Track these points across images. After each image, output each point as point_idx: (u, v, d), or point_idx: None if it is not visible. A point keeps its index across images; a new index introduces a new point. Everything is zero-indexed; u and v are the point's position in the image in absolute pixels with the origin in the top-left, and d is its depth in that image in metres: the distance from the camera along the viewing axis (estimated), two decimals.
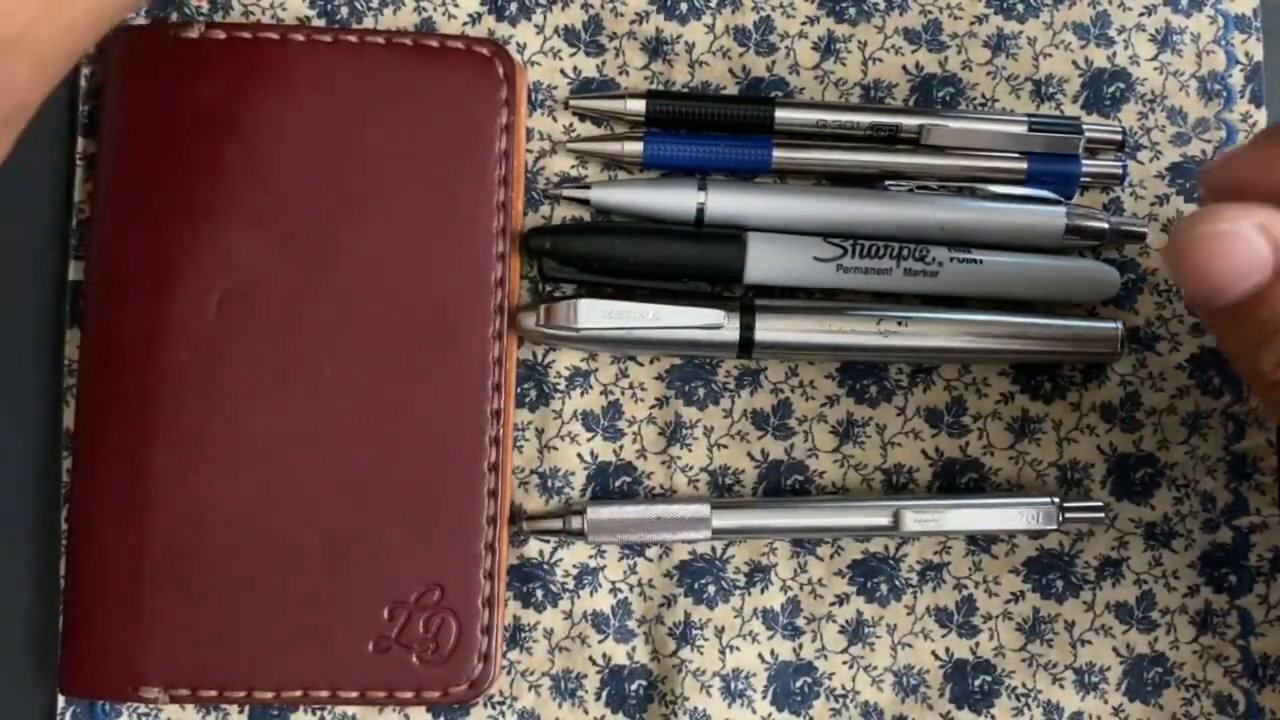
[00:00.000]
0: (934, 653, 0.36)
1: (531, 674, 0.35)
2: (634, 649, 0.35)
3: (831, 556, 0.36)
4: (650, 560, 0.36)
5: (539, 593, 0.35)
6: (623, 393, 0.36)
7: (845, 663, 0.35)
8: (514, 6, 0.37)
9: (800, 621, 0.36)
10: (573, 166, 0.37)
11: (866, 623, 0.36)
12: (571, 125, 0.37)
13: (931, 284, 0.35)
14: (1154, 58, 0.38)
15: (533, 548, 0.35)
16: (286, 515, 0.34)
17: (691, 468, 0.36)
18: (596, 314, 0.34)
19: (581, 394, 0.36)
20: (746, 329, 0.35)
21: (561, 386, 0.36)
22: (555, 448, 0.36)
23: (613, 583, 0.35)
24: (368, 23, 0.37)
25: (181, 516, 0.34)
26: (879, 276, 0.35)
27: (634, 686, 0.35)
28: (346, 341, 0.34)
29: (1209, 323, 0.25)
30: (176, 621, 0.33)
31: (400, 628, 0.34)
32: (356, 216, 0.34)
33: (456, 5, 0.37)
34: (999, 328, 0.35)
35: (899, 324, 0.35)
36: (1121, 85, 0.37)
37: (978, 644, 0.36)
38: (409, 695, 0.34)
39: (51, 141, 0.36)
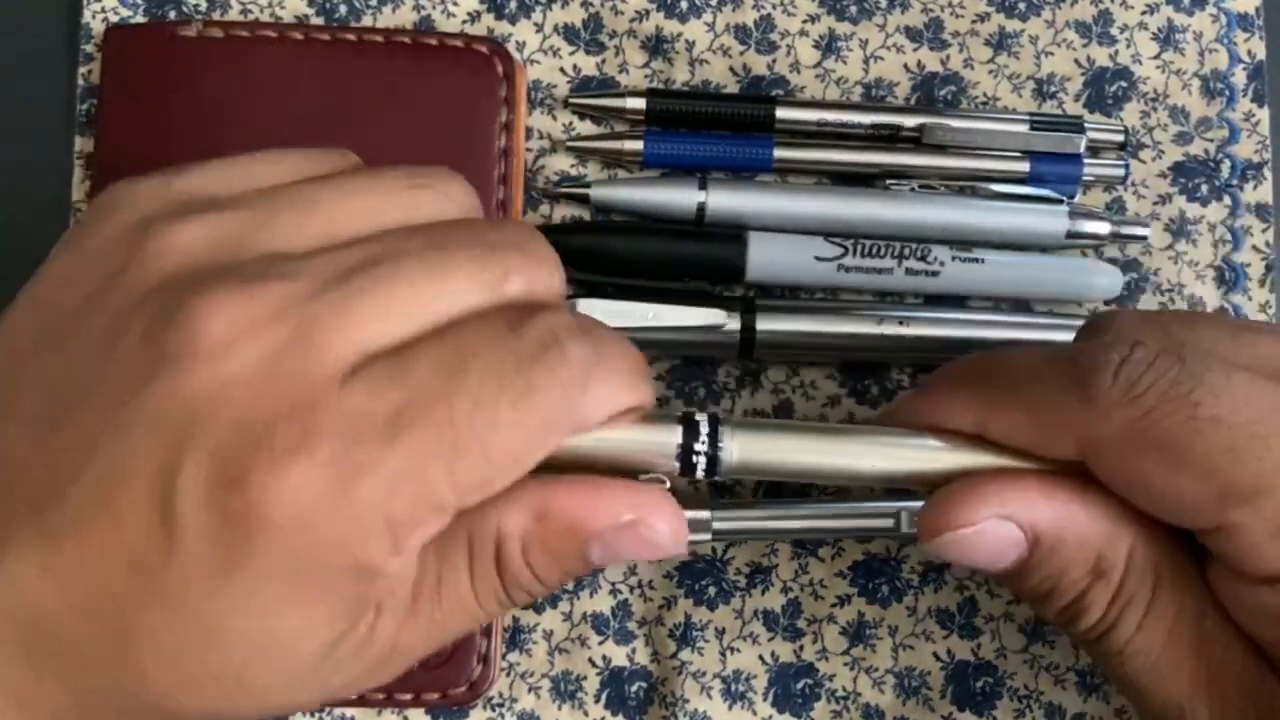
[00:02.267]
0: (935, 654, 0.35)
1: (531, 675, 0.35)
2: (634, 650, 0.35)
3: (832, 558, 0.36)
4: (650, 561, 0.35)
5: None
6: None
7: (846, 664, 0.35)
8: (513, 5, 0.37)
9: (801, 623, 0.35)
10: (572, 165, 0.36)
11: (868, 624, 0.35)
12: (571, 124, 0.37)
13: (933, 283, 0.35)
14: (1156, 56, 0.37)
15: None
16: None
17: None
18: (596, 313, 0.34)
19: None
20: (747, 329, 0.34)
21: None
22: None
23: (613, 584, 0.35)
24: (366, 21, 0.36)
25: None
26: (880, 276, 0.35)
27: (634, 688, 0.35)
28: None
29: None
30: None
31: None
32: None
33: (455, 4, 0.37)
34: (1001, 327, 0.35)
35: (900, 323, 0.35)
36: (1124, 84, 0.37)
37: (979, 645, 0.36)
38: (408, 697, 0.34)
39: (49, 140, 0.36)
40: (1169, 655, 0.26)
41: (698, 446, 0.26)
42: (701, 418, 0.27)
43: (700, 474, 0.26)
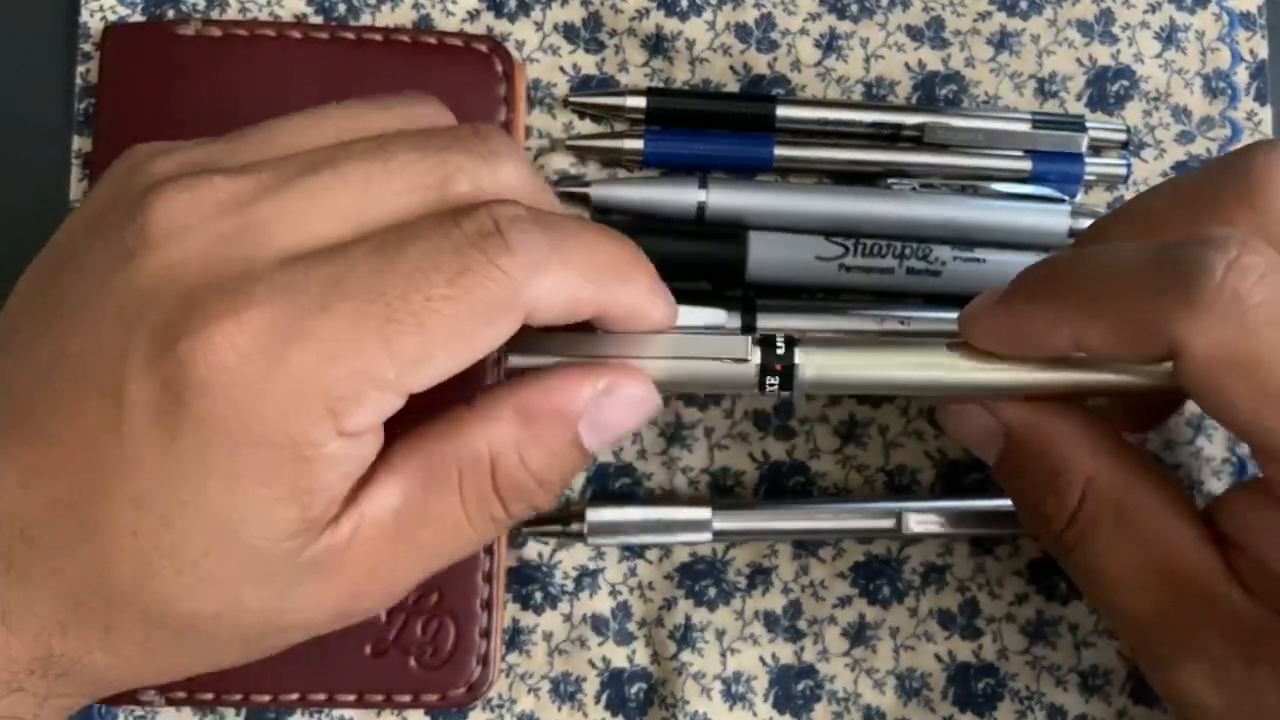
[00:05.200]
0: (937, 655, 0.35)
1: (530, 677, 0.35)
2: (634, 652, 0.35)
3: (833, 559, 0.36)
4: (650, 562, 0.35)
5: (538, 595, 0.35)
6: None
7: (847, 665, 0.35)
8: (513, 3, 0.37)
9: (802, 624, 0.35)
10: (572, 164, 0.36)
11: (869, 625, 0.35)
12: (571, 123, 0.36)
13: (934, 283, 0.35)
14: (1158, 55, 0.37)
15: (532, 550, 0.35)
16: None
17: (692, 469, 0.36)
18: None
19: None
20: (747, 328, 0.34)
21: None
22: None
23: (612, 585, 0.35)
24: (365, 20, 0.36)
25: None
26: (881, 275, 0.35)
27: (634, 689, 0.35)
28: None
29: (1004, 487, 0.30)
30: None
31: (398, 631, 0.34)
32: None
33: (455, 2, 0.36)
34: None
35: (901, 323, 0.35)
36: (1125, 83, 0.37)
37: (981, 646, 0.35)
38: (407, 699, 0.34)
39: (47, 139, 0.36)
40: (1132, 582, 0.27)
41: (776, 365, 0.28)
42: (780, 338, 0.28)
43: (777, 390, 0.28)
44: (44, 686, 0.24)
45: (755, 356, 0.28)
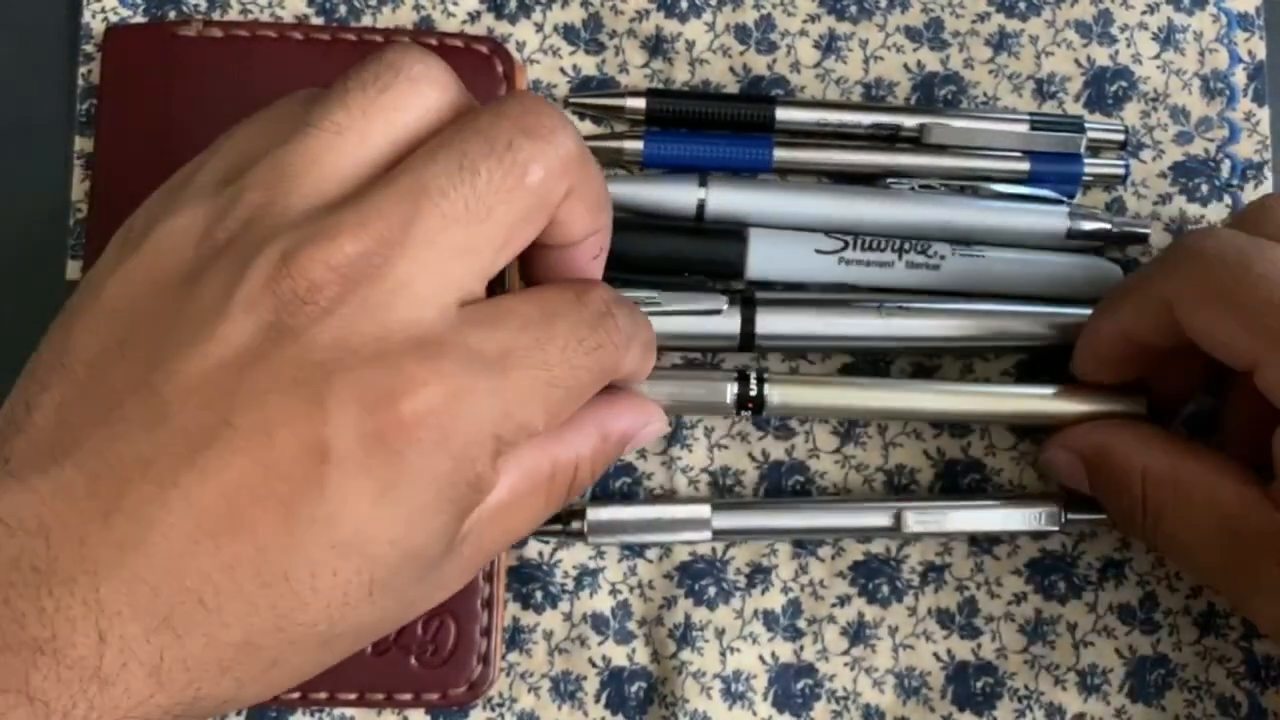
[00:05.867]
0: (936, 654, 0.35)
1: (531, 676, 0.35)
2: (634, 651, 0.35)
3: (833, 558, 0.36)
4: (650, 561, 0.35)
5: (538, 594, 0.35)
6: None
7: (846, 664, 0.35)
8: (513, 4, 0.37)
9: (801, 623, 0.35)
10: None
11: (868, 624, 0.35)
12: None
13: (934, 278, 0.35)
14: (1156, 56, 0.37)
15: (532, 549, 0.35)
16: None
17: (692, 468, 0.36)
18: None
19: None
20: (747, 321, 0.34)
21: None
22: None
23: (612, 584, 0.35)
24: (366, 21, 0.36)
25: None
26: (881, 270, 0.35)
27: (634, 688, 0.35)
28: None
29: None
30: None
31: (398, 630, 0.34)
32: None
33: (455, 3, 0.37)
34: (1003, 316, 0.35)
35: (900, 309, 0.35)
36: (1124, 84, 0.37)
37: (980, 645, 0.36)
38: (407, 697, 0.34)
39: (49, 140, 0.36)
40: (1202, 542, 0.32)
41: (750, 392, 0.34)
42: (752, 372, 0.34)
43: (750, 412, 0.35)
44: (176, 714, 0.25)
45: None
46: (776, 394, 0.34)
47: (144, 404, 0.24)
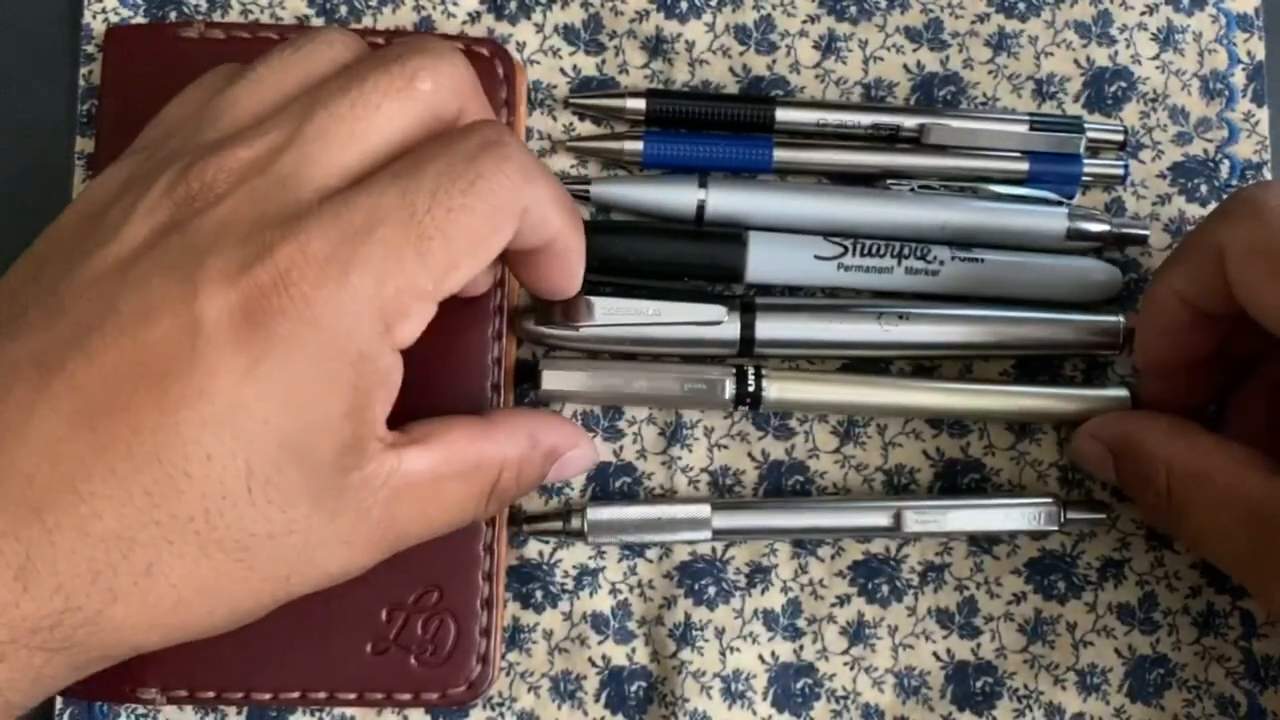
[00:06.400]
0: (935, 654, 0.35)
1: (531, 675, 0.35)
2: (634, 650, 0.35)
3: (832, 557, 0.36)
4: (650, 561, 0.35)
5: (538, 594, 0.35)
6: None
7: (846, 664, 0.35)
8: (513, 5, 0.37)
9: (801, 623, 0.35)
10: (573, 166, 0.37)
11: (867, 624, 0.35)
12: (571, 124, 0.37)
13: (933, 283, 0.35)
14: (1156, 57, 0.37)
15: (532, 549, 0.35)
16: None
17: (692, 468, 0.36)
18: (596, 311, 0.34)
19: None
20: (747, 327, 0.34)
21: None
22: None
23: (612, 584, 0.35)
24: (366, 22, 0.36)
25: None
26: (880, 275, 0.35)
27: (634, 688, 0.35)
28: None
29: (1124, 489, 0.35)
30: None
31: (399, 629, 0.34)
32: None
33: (456, 4, 0.37)
34: (1001, 321, 0.35)
35: (900, 318, 0.35)
36: (1123, 84, 0.37)
37: (979, 645, 0.36)
38: (407, 697, 0.34)
39: (50, 141, 0.36)
40: (1227, 532, 0.32)
41: (749, 388, 0.35)
42: (750, 368, 0.35)
43: (747, 407, 0.35)
44: (44, 654, 0.25)
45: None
46: (774, 389, 0.35)
47: (44, 308, 0.25)
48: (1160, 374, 0.34)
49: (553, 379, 0.34)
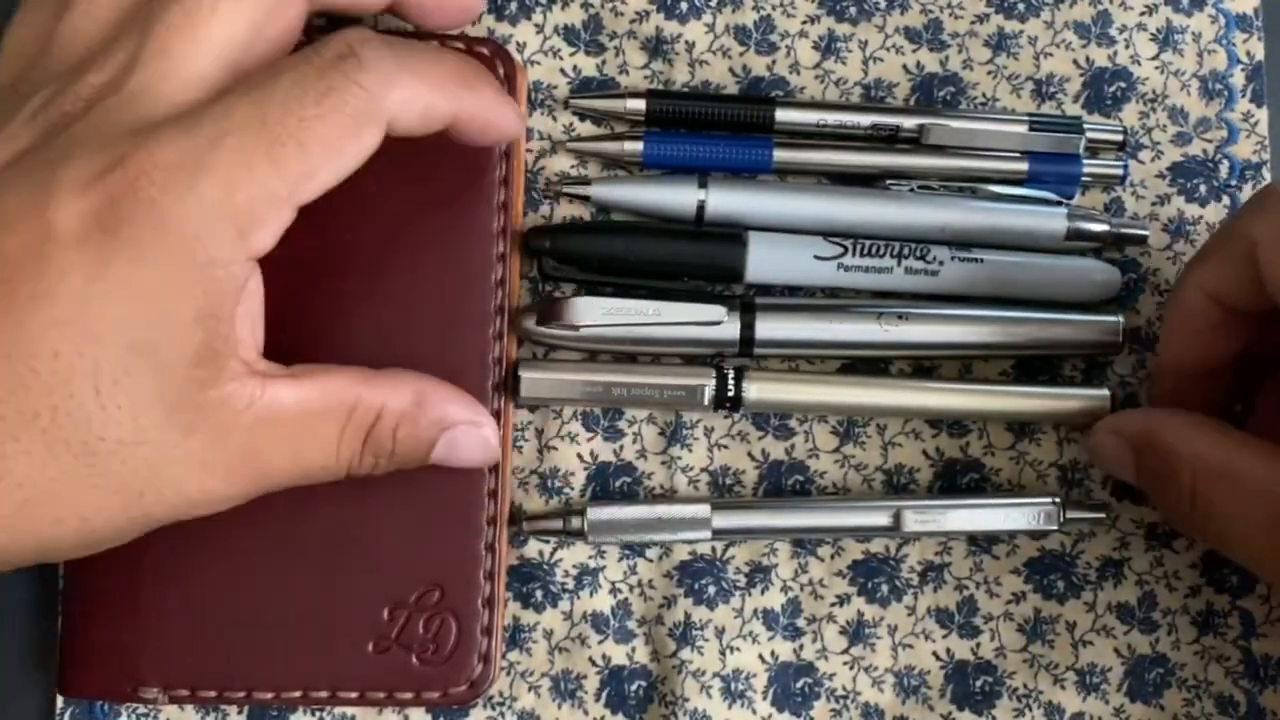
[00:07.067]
0: (935, 653, 0.36)
1: (531, 674, 0.35)
2: (634, 650, 0.35)
3: (832, 557, 0.36)
4: (650, 561, 0.35)
5: (539, 593, 0.35)
6: None
7: (846, 663, 0.35)
8: (514, 5, 0.37)
9: (801, 622, 0.35)
10: (573, 166, 0.37)
11: (867, 623, 0.36)
12: (571, 125, 0.37)
13: (932, 283, 0.35)
14: (1155, 57, 0.37)
15: (533, 548, 0.35)
16: (287, 515, 0.33)
17: (692, 468, 0.36)
18: (596, 311, 0.34)
19: None
20: (746, 327, 0.35)
21: None
22: (555, 448, 0.36)
23: (613, 583, 0.35)
24: (366, 23, 0.36)
25: None
26: (880, 275, 0.35)
27: (634, 687, 0.35)
28: (345, 341, 0.34)
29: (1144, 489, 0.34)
30: (175, 622, 0.33)
31: (400, 628, 0.34)
32: (354, 218, 0.34)
33: None
34: (1001, 321, 0.35)
35: (899, 318, 0.35)
36: (1123, 84, 0.37)
37: (979, 645, 0.36)
38: (408, 696, 0.34)
39: None
40: (1255, 534, 0.31)
41: (729, 389, 0.34)
42: (730, 369, 0.35)
43: (727, 407, 0.35)
44: None
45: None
46: (755, 390, 0.35)
47: None
48: (1181, 377, 0.34)
49: (531, 385, 0.34)
